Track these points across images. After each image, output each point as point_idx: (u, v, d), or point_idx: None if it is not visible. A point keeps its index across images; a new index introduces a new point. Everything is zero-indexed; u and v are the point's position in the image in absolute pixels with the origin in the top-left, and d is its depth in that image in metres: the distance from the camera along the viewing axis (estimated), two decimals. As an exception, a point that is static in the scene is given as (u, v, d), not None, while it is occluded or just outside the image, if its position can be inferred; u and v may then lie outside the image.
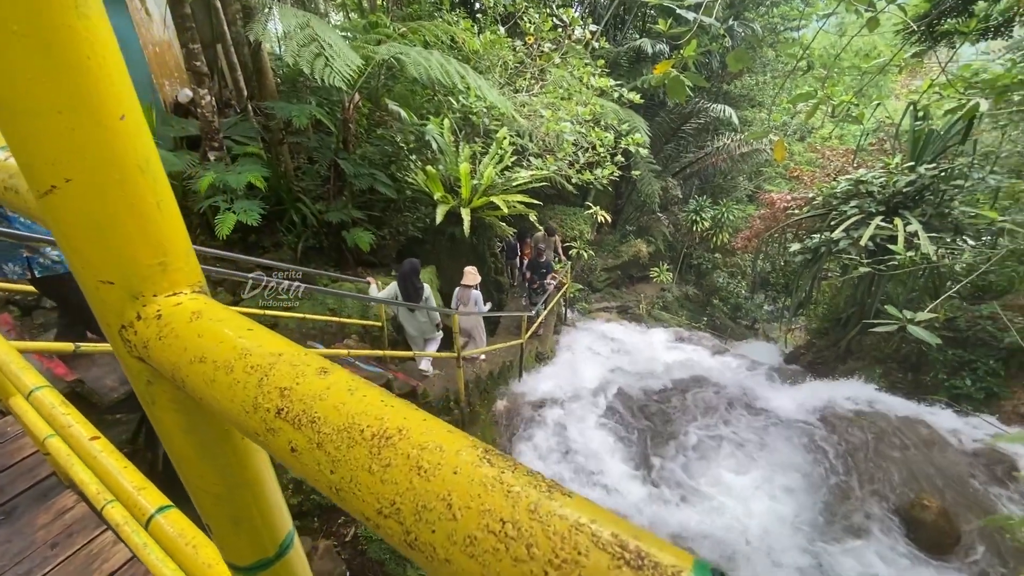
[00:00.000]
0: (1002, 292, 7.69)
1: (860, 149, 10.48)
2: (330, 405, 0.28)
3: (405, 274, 5.15)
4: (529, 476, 0.23)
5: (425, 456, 0.24)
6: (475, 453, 0.24)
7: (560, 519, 0.21)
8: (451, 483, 0.23)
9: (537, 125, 9.22)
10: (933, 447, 5.69)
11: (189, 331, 0.35)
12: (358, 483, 0.25)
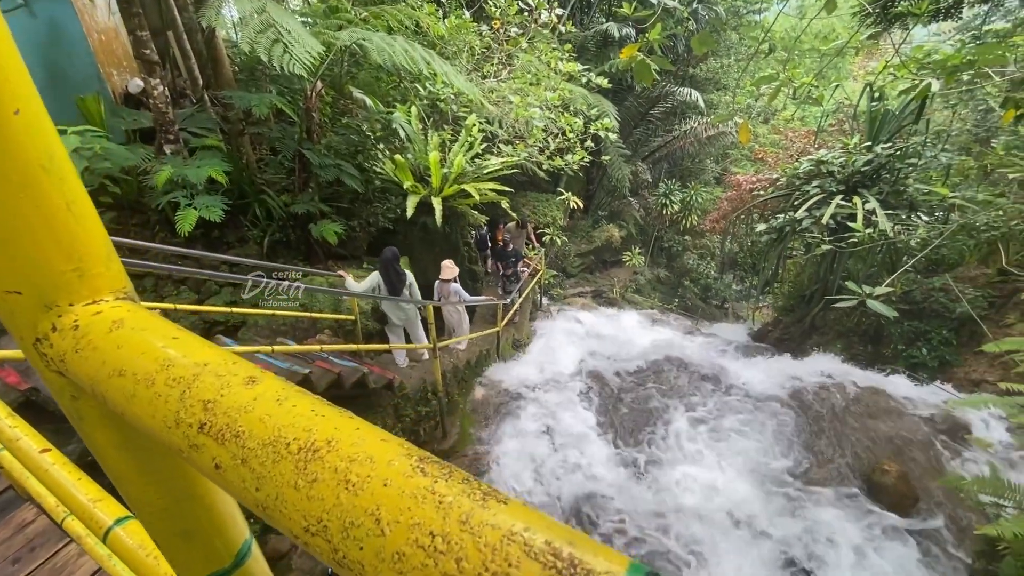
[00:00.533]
0: (954, 265, 8.07)
1: (821, 130, 10.77)
2: (256, 417, 0.26)
3: (387, 262, 5.17)
4: (464, 484, 0.22)
5: (354, 469, 0.23)
6: (408, 463, 0.23)
7: (492, 529, 0.20)
8: (380, 496, 0.22)
9: (506, 111, 9.13)
10: (892, 414, 5.98)
11: (108, 342, 0.32)
12: (284, 500, 0.23)
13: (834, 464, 5.47)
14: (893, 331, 7.44)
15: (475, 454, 5.91)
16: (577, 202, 12.82)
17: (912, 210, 7.11)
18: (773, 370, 7.22)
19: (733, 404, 6.50)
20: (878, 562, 4.57)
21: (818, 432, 5.92)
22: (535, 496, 5.34)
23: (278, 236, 6.75)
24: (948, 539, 4.66)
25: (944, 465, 5.30)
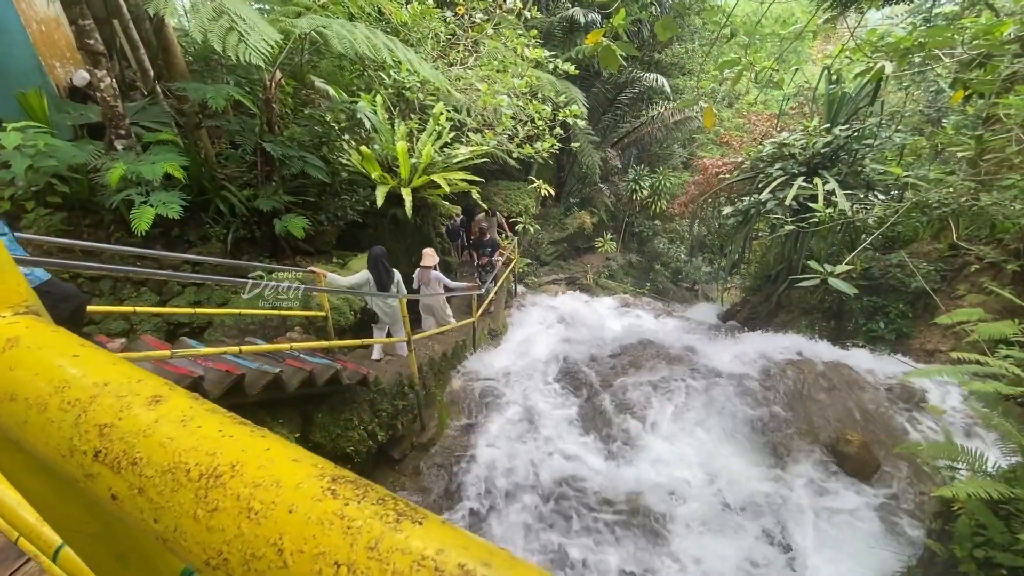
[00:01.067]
0: (909, 241, 8.42)
1: (782, 113, 11.01)
2: (156, 442, 0.24)
3: (376, 258, 5.37)
4: (377, 505, 0.21)
5: (258, 495, 0.21)
6: (318, 485, 0.22)
7: (402, 555, 0.19)
8: (284, 524, 0.20)
9: (474, 99, 9.02)
10: (854, 386, 6.24)
11: (0, 364, 0.30)
12: (183, 532, 0.22)
13: (801, 436, 5.70)
14: (854, 307, 7.74)
15: (454, 444, 5.91)
16: (548, 190, 12.82)
17: (869, 190, 7.37)
18: (742, 349, 7.43)
19: (704, 383, 6.67)
20: (844, 527, 4.79)
21: (786, 406, 6.13)
22: (514, 481, 5.39)
23: (242, 233, 6.54)
24: (907, 502, 4.92)
25: (903, 433, 5.58)
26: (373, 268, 5.43)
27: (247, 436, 0.24)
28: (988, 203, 6.06)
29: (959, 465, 3.84)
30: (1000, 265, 6.62)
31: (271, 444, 0.24)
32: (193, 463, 0.23)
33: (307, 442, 4.73)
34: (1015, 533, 3.31)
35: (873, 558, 4.47)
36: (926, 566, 4.03)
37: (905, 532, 4.64)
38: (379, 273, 5.43)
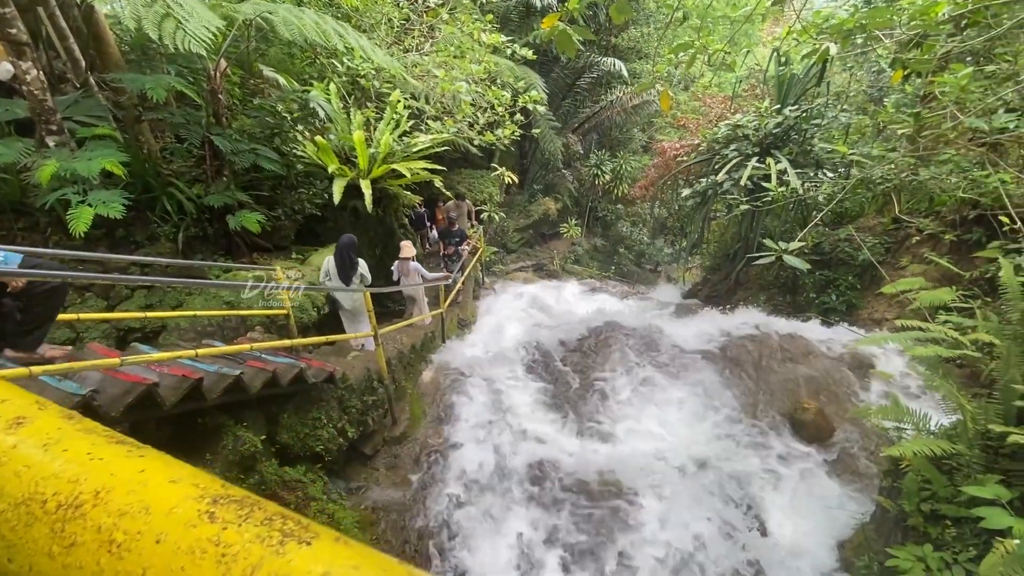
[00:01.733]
0: (855, 216, 8.82)
1: (736, 96, 11.28)
2: (11, 471, 0.21)
3: (342, 247, 5.35)
4: (262, 527, 0.19)
5: (123, 525, 0.19)
6: (195, 509, 0.20)
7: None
8: (150, 557, 0.18)
9: (431, 86, 8.85)
10: (810, 357, 6.54)
11: None
12: (39, 572, 0.19)
13: (761, 407, 5.95)
14: (807, 281, 8.08)
15: (427, 436, 5.89)
16: (512, 177, 12.77)
17: (818, 168, 7.66)
18: (704, 326, 7.66)
19: (670, 361, 6.86)
20: (803, 490, 5.05)
21: (747, 379, 6.38)
22: (489, 469, 5.43)
23: (194, 231, 6.25)
24: (860, 462, 5.22)
25: (854, 398, 5.90)
26: (337, 255, 5.44)
27: (120, 458, 0.22)
28: (927, 178, 6.38)
29: (905, 425, 4.08)
30: (939, 236, 7.01)
31: (148, 465, 0.22)
32: (51, 492, 0.20)
33: (274, 444, 4.61)
34: (957, 486, 3.55)
35: (831, 517, 4.73)
36: (878, 522, 4.29)
37: (859, 491, 4.92)
38: (342, 260, 5.41)
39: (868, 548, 4.20)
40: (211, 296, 5.73)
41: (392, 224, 8.09)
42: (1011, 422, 3.50)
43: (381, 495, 5.13)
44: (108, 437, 0.23)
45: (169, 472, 0.22)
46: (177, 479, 0.22)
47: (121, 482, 0.21)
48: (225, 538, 0.19)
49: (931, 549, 3.56)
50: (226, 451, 3.89)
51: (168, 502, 0.20)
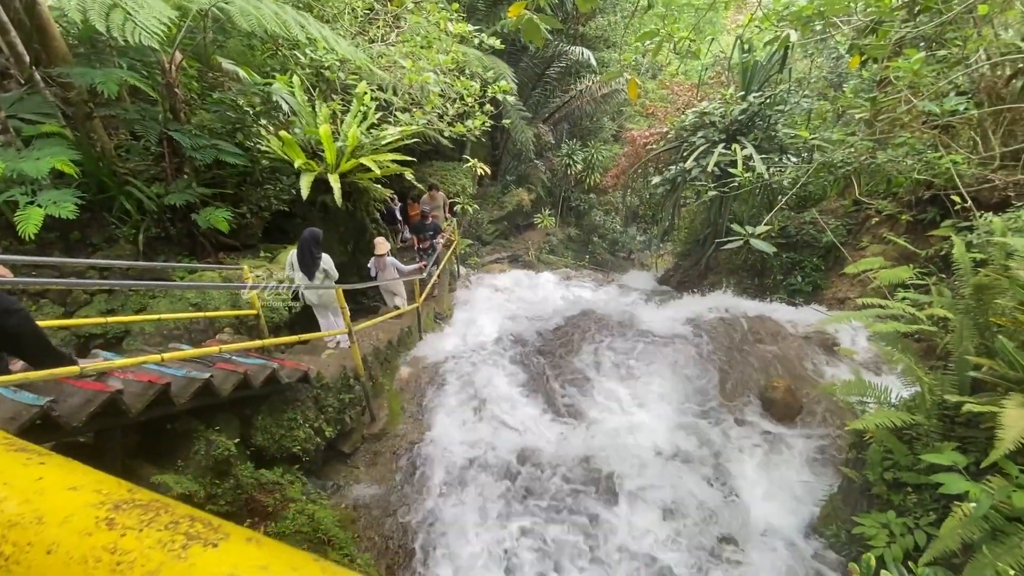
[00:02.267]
0: (819, 199, 9.11)
1: (702, 83, 11.45)
2: None
3: (304, 241, 5.21)
4: (166, 531, 0.19)
5: (12, 536, 0.18)
6: (93, 516, 0.19)
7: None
8: (39, 569, 0.18)
9: (399, 77, 8.70)
10: (778, 337, 6.76)
11: None
12: None
13: (733, 387, 6.12)
14: (774, 264, 8.32)
15: (407, 431, 5.86)
16: (484, 168, 12.69)
17: (783, 153, 7.86)
18: (676, 311, 7.82)
19: (644, 347, 6.98)
20: (774, 465, 5.24)
21: (718, 361, 6.55)
22: (470, 461, 5.44)
23: (155, 231, 6.03)
24: (827, 437, 5.44)
25: (821, 375, 6.13)
26: (299, 250, 5.29)
27: (17, 466, 0.21)
28: (884, 160, 6.62)
29: (868, 399, 4.25)
30: (896, 216, 7.30)
31: (47, 472, 0.21)
32: (-67, 506, 0.19)
33: (248, 446, 4.52)
34: (917, 454, 3.73)
35: (801, 490, 4.92)
36: (845, 492, 4.48)
37: (826, 464, 5.13)
38: (303, 255, 5.26)
39: (836, 518, 4.39)
40: (176, 298, 5.56)
41: (363, 219, 7.97)
42: (965, 392, 3.69)
43: (362, 493, 5.09)
44: (7, 445, 0.22)
45: (70, 479, 0.21)
46: (77, 486, 0.21)
47: (15, 491, 0.20)
48: (123, 545, 0.18)
49: (894, 515, 3.74)
50: (198, 456, 3.79)
51: (64, 510, 0.19)
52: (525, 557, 4.53)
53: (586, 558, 4.51)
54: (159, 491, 1.73)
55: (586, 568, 4.41)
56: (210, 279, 5.85)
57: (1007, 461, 3.06)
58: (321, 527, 4.04)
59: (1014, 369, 3.42)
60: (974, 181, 6.04)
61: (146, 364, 3.46)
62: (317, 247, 5.30)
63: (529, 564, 4.46)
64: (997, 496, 3.03)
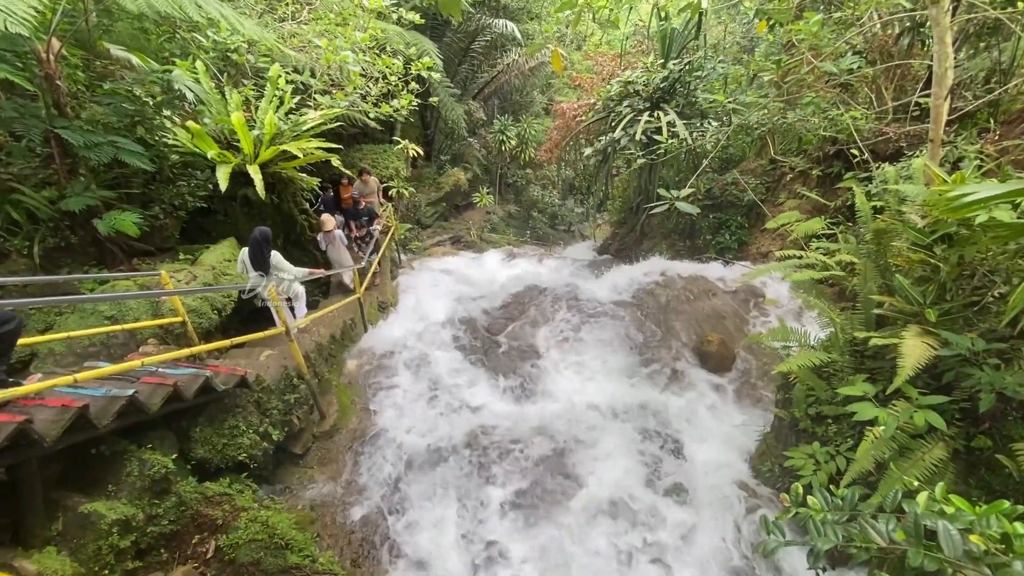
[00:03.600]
0: (739, 161, 9.60)
1: (624, 53, 11.62)
2: None
3: (255, 241, 5.32)
4: None
5: None
6: None
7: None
8: None
9: (315, 58, 8.23)
10: (710, 294, 7.15)
11: None
12: None
13: (672, 345, 6.46)
14: (702, 224, 8.74)
15: (360, 425, 5.77)
16: (417, 150, 12.39)
17: (703, 118, 8.18)
18: (616, 278, 8.09)
19: (588, 316, 7.19)
20: (712, 413, 5.61)
21: (658, 322, 6.87)
22: (427, 446, 5.45)
23: (52, 241, 5.46)
24: (758, 382, 5.87)
25: (750, 326, 6.57)
26: (250, 249, 5.36)
27: None
28: (794, 120, 7.05)
29: (791, 344, 4.61)
30: (808, 172, 7.82)
31: None
32: None
33: (189, 460, 4.29)
34: (834, 389, 4.10)
35: (738, 433, 5.31)
36: (776, 431, 4.88)
37: (759, 407, 5.55)
38: (255, 255, 5.35)
39: (770, 455, 4.79)
40: (87, 312, 5.10)
41: (291, 210, 7.58)
42: (871, 328, 4.08)
43: (318, 492, 4.99)
44: None
45: None
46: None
47: None
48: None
49: (819, 446, 4.13)
50: (131, 478, 3.57)
51: None
52: (490, 533, 4.64)
53: (550, 526, 4.67)
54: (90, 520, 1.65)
55: (554, 536, 4.58)
56: (124, 288, 5.40)
57: (908, 386, 3.44)
58: (277, 532, 3.94)
59: (910, 303, 3.80)
60: (871, 135, 6.56)
61: (57, 387, 3.18)
62: (267, 245, 5.39)
63: (496, 541, 4.57)
64: (901, 418, 3.40)
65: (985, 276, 3.70)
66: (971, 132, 6.12)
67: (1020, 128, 6.02)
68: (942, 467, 3.38)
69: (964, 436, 3.59)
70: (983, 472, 3.55)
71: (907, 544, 2.13)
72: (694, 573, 4.21)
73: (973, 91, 6.62)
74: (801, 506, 2.59)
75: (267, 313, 5.59)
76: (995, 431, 3.54)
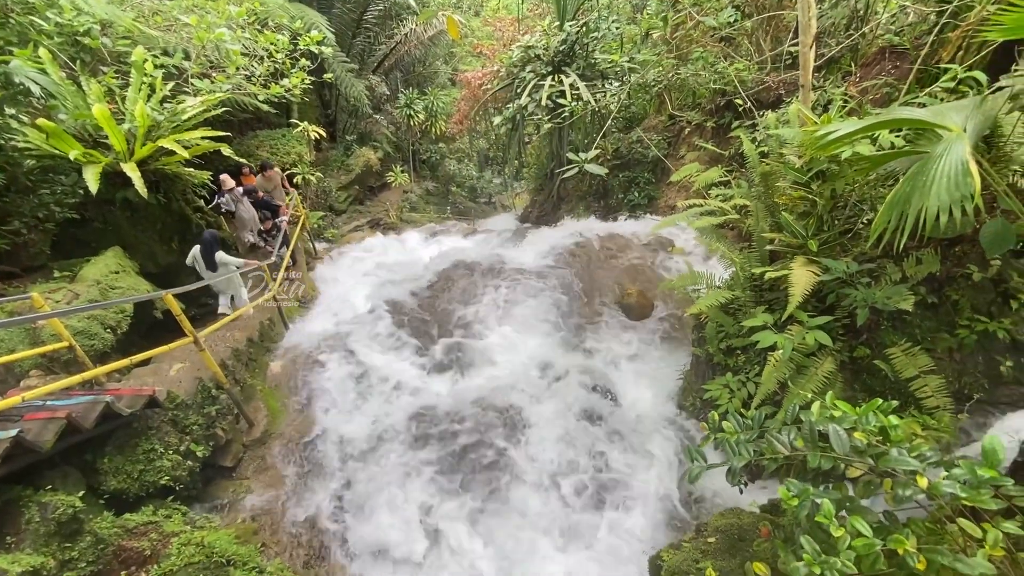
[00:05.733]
0: (642, 119, 9.95)
1: (522, 17, 11.51)
2: None
3: (206, 242, 6.01)
4: None
5: None
6: None
7: None
8: None
9: (186, 38, 7.42)
10: (626, 249, 7.49)
11: None
12: None
13: (596, 301, 6.74)
14: (614, 184, 9.06)
15: (294, 426, 5.54)
16: (318, 131, 11.66)
17: (604, 79, 8.35)
18: (538, 245, 8.24)
19: (516, 284, 7.29)
20: (640, 361, 5.97)
21: (582, 281, 7.11)
22: (367, 435, 5.37)
23: None
24: (676, 325, 6.29)
25: (663, 274, 6.98)
26: (202, 249, 6.04)
27: None
28: (686, 75, 7.37)
29: (700, 286, 4.96)
30: (703, 125, 8.28)
31: None
32: None
33: (101, 495, 3.94)
34: (739, 322, 4.47)
35: (664, 374, 5.69)
36: (695, 367, 5.28)
37: (679, 348, 5.96)
38: (206, 254, 6.03)
39: (691, 390, 5.19)
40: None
41: (182, 209, 6.93)
42: (766, 263, 4.46)
43: (257, 501, 4.78)
44: None
45: None
46: None
47: None
48: None
49: (731, 376, 4.52)
50: (33, 525, 3.21)
51: None
52: (440, 510, 4.70)
53: (500, 493, 4.81)
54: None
55: (504, 499, 4.71)
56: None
57: (799, 311, 3.83)
58: (216, 551, 3.74)
59: (795, 237, 4.20)
60: (754, 85, 7.03)
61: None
62: (216, 245, 6.07)
63: (447, 519, 4.63)
64: (796, 340, 3.79)
65: (855, 206, 4.15)
66: (836, 76, 6.73)
67: (877, 69, 6.70)
68: (832, 378, 3.82)
69: (848, 349, 4.08)
70: (865, 377, 4.06)
71: (806, 449, 2.43)
72: (637, 512, 4.53)
73: (836, 38, 7.24)
74: (719, 432, 2.86)
75: (172, 324, 5.15)
76: (872, 341, 4.05)
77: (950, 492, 1.95)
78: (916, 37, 5.92)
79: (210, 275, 6.11)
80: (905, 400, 3.67)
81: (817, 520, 2.07)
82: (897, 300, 3.59)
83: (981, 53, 4.48)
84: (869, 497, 2.26)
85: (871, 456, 2.22)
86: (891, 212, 2.79)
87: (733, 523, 3.46)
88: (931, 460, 2.09)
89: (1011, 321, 3.69)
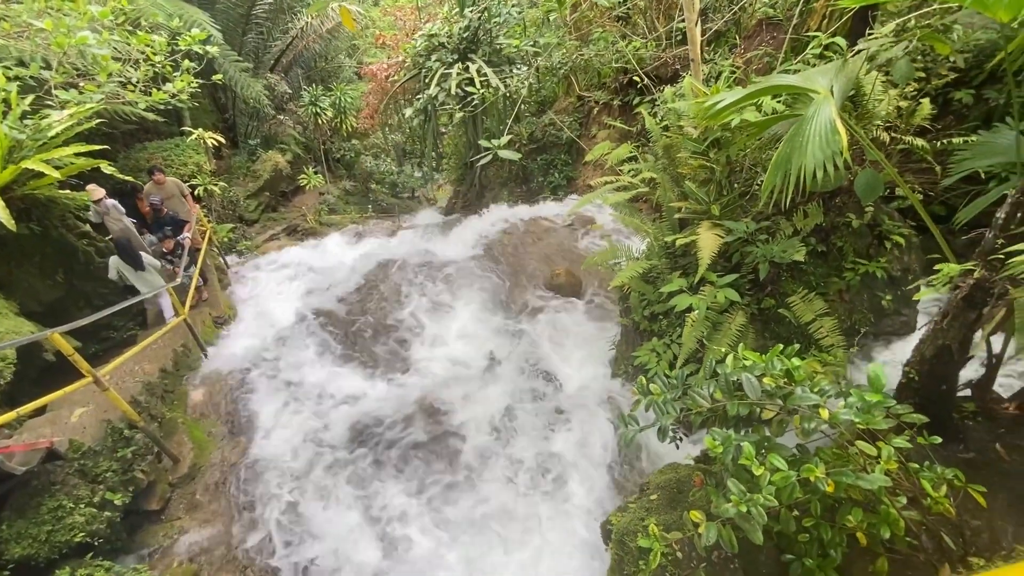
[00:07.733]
0: (553, 102, 10.11)
1: (422, 4, 11.25)
2: None
3: (122, 246, 5.83)
4: None
5: None
6: None
7: None
8: None
9: (43, 45, 6.59)
10: (551, 232, 7.64)
11: None
12: None
13: (527, 285, 6.84)
14: (533, 168, 9.17)
15: (225, 457, 5.21)
16: (216, 138, 10.86)
17: (510, 64, 8.38)
18: (465, 235, 8.20)
19: (446, 278, 7.23)
20: (574, 337, 6.14)
21: (512, 267, 7.18)
22: (307, 451, 5.16)
23: None
24: (603, 300, 6.52)
25: (587, 251, 7.20)
26: (123, 256, 5.84)
27: None
28: (589, 56, 7.55)
29: (620, 259, 5.16)
30: (610, 103, 8.54)
31: None
32: None
33: (4, 566, 3.51)
34: (658, 289, 4.71)
35: (598, 347, 5.89)
36: (624, 337, 5.51)
37: (608, 320, 6.20)
38: (126, 256, 5.85)
39: (623, 359, 5.42)
40: None
41: (63, 236, 6.22)
42: (676, 231, 4.71)
43: (194, 540, 4.47)
44: None
45: None
46: None
47: None
48: None
49: (657, 340, 4.76)
50: (-84, 615, 2.82)
51: None
52: (391, 514, 4.63)
53: (455, 491, 4.80)
54: None
55: (459, 497, 4.71)
56: None
57: (709, 272, 4.09)
58: (150, 599, 3.47)
59: (699, 204, 4.46)
60: (652, 61, 7.33)
61: None
62: (131, 247, 5.91)
63: (398, 523, 4.57)
64: (709, 300, 4.06)
65: (750, 169, 4.47)
66: (725, 49, 7.17)
67: (757, 40, 7.20)
68: (745, 331, 4.12)
69: (756, 302, 4.41)
70: (773, 326, 4.42)
71: (725, 399, 2.62)
72: (584, 483, 4.69)
73: (721, 13, 7.69)
74: (647, 395, 3.01)
75: (68, 365, 4.62)
76: (775, 292, 4.41)
77: (847, 419, 2.19)
78: (788, 9, 6.41)
79: (144, 274, 5.96)
80: (807, 342, 4.04)
81: (741, 463, 2.25)
82: (792, 252, 3.93)
83: (842, 20, 4.94)
84: (782, 435, 2.48)
85: (780, 397, 2.44)
86: (776, 172, 3.02)
87: (671, 478, 3.67)
88: (830, 393, 2.33)
89: (886, 260, 4.17)
